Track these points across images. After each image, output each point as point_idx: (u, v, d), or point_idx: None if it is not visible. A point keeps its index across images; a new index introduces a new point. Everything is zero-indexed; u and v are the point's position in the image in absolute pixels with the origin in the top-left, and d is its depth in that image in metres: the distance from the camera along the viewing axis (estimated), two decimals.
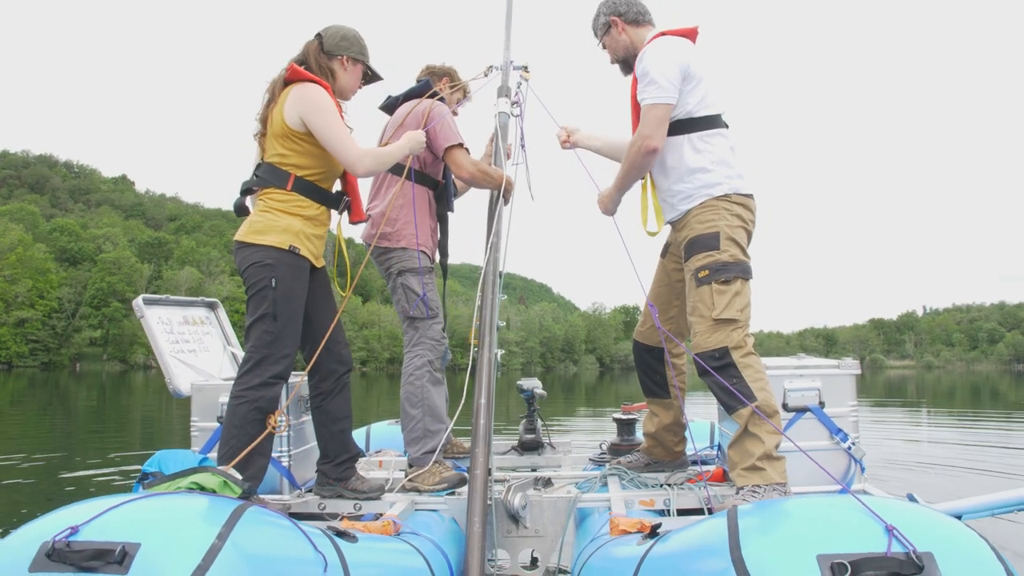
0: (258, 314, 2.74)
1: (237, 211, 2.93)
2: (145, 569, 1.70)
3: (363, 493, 3.07)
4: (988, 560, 1.62)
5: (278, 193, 2.84)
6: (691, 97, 2.99)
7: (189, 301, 3.95)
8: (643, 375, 3.57)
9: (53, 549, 1.75)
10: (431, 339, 3.41)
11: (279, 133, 2.83)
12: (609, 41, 3.26)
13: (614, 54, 3.28)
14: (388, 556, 2.38)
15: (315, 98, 2.79)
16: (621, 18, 3.21)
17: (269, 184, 2.85)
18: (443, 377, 3.50)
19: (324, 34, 3.00)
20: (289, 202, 2.84)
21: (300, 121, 2.79)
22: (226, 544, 1.79)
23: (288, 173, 2.83)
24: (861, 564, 1.55)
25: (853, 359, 3.19)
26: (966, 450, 7.45)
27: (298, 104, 2.79)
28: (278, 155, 2.85)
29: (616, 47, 3.25)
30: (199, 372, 3.57)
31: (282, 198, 2.84)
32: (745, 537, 1.72)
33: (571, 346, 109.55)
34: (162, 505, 1.95)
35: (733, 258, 2.89)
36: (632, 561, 2.09)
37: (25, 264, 66.83)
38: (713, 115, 3.04)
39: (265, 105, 2.91)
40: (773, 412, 2.77)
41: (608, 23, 3.24)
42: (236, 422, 2.69)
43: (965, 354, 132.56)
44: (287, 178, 2.83)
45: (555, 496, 3.13)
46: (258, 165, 2.93)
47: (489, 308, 3.19)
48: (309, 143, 2.83)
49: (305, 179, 2.86)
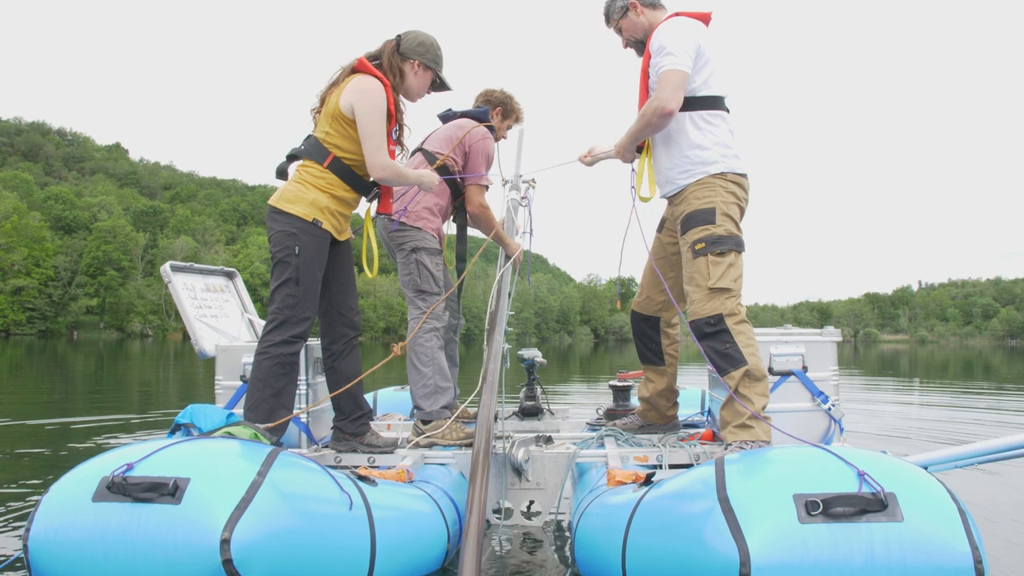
0: (282, 279, 2.95)
1: (278, 174, 3.13)
2: (195, 500, 1.91)
3: (377, 448, 3.28)
4: (944, 501, 1.84)
5: (315, 168, 3.04)
6: (698, 76, 3.15)
7: (209, 270, 4.18)
8: (639, 343, 3.78)
9: (112, 482, 1.96)
10: (437, 310, 3.65)
11: (331, 113, 3.02)
12: (627, 23, 3.40)
13: (631, 35, 3.43)
14: (404, 500, 2.60)
15: (370, 93, 2.97)
16: (640, 0, 3.37)
17: (310, 156, 3.05)
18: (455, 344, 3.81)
19: (403, 36, 3.19)
20: (322, 179, 3.04)
21: (351, 109, 2.98)
22: (265, 480, 2.01)
23: (328, 152, 3.03)
24: (832, 501, 1.77)
25: (835, 328, 3.40)
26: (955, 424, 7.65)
27: (353, 93, 2.97)
28: (324, 132, 3.05)
29: (634, 29, 3.40)
30: (222, 335, 3.78)
31: (317, 173, 3.04)
32: (730, 480, 1.93)
33: (566, 317, 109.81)
34: (207, 447, 2.16)
35: (728, 232, 3.08)
36: (628, 506, 2.30)
37: (21, 232, 66.59)
38: (716, 96, 3.20)
39: (328, 85, 3.09)
40: (763, 376, 2.98)
41: (627, 6, 3.38)
42: (260, 376, 2.92)
43: (959, 329, 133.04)
44: (327, 156, 3.03)
45: (555, 452, 3.35)
46: (307, 137, 3.13)
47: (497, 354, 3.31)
48: (354, 130, 3.02)
49: (343, 161, 3.05)
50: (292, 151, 3.14)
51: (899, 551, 1.71)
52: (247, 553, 1.86)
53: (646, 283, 3.68)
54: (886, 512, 1.75)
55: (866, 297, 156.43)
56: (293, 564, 1.99)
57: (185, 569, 1.85)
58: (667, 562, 1.97)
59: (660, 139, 3.28)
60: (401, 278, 3.71)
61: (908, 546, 1.71)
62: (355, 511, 2.25)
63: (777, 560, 1.70)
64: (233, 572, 1.84)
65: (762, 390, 2.96)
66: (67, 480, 2.07)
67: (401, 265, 3.69)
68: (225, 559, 1.83)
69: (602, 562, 2.37)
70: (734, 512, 1.80)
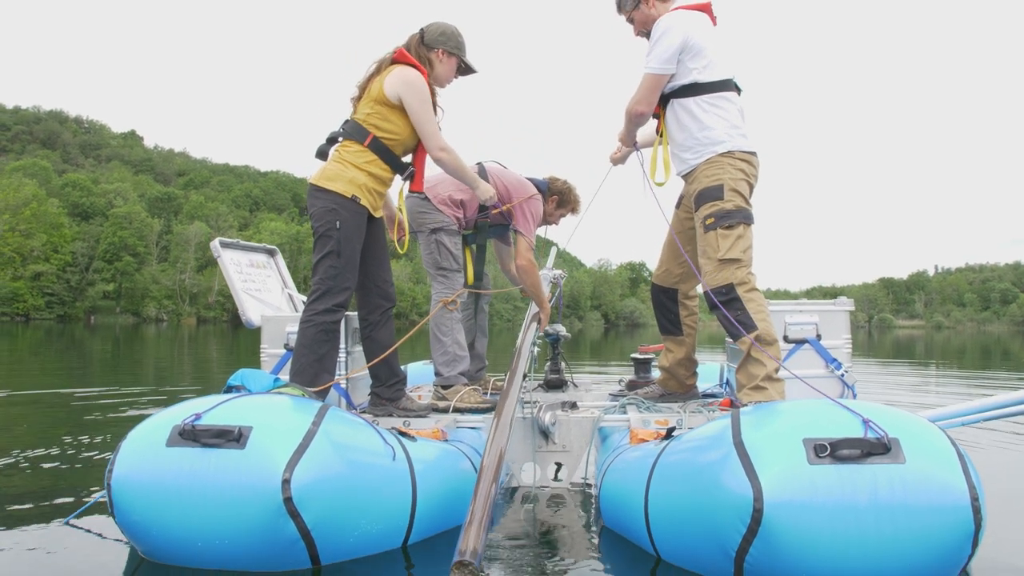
0: (325, 251, 3.15)
1: (318, 155, 3.34)
2: (258, 445, 2.11)
3: (412, 411, 3.48)
4: (944, 446, 2.00)
5: (355, 146, 3.25)
6: (694, 64, 3.34)
7: (252, 247, 4.45)
8: (659, 314, 3.96)
9: (183, 430, 2.16)
10: (455, 287, 3.91)
11: (375, 98, 3.24)
12: (639, 15, 3.58)
13: (642, 26, 3.60)
14: (441, 454, 2.79)
15: (415, 83, 3.23)
16: None
17: (350, 137, 3.27)
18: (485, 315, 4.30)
19: (426, 29, 3.41)
20: (362, 156, 3.24)
21: (397, 96, 3.21)
22: (319, 430, 2.21)
23: (368, 132, 3.25)
24: (839, 444, 1.94)
25: (847, 298, 3.56)
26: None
27: (399, 84, 3.21)
28: (365, 114, 3.26)
29: (646, 20, 3.56)
30: (268, 306, 4.01)
31: (357, 151, 3.24)
32: (745, 428, 2.10)
33: (577, 302, 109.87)
34: (266, 400, 2.37)
35: (736, 206, 3.26)
36: (650, 457, 2.48)
37: (39, 219, 67.48)
38: (719, 80, 3.38)
39: (368, 76, 3.32)
40: (773, 340, 3.15)
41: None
42: (306, 342, 3.12)
43: (976, 314, 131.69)
44: (367, 135, 3.25)
45: (581, 416, 3.54)
46: (345, 121, 3.34)
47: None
48: (396, 114, 3.25)
49: (381, 141, 3.27)
50: (331, 134, 3.34)
51: (901, 490, 1.87)
52: (305, 492, 2.06)
53: (665, 256, 3.86)
54: (889, 455, 1.91)
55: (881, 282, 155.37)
56: (344, 506, 2.19)
57: (250, 506, 2.05)
58: (686, 504, 2.14)
59: (673, 123, 3.47)
60: (424, 258, 3.96)
61: (910, 485, 1.87)
62: (398, 462, 2.44)
63: (788, 497, 1.87)
64: (292, 509, 2.04)
65: (773, 353, 3.13)
66: (142, 428, 2.28)
67: (423, 245, 3.94)
68: (286, 497, 2.03)
69: (626, 511, 2.54)
70: (748, 455, 1.97)
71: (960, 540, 1.87)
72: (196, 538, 2.11)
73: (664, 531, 2.27)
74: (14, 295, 62.87)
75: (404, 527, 2.42)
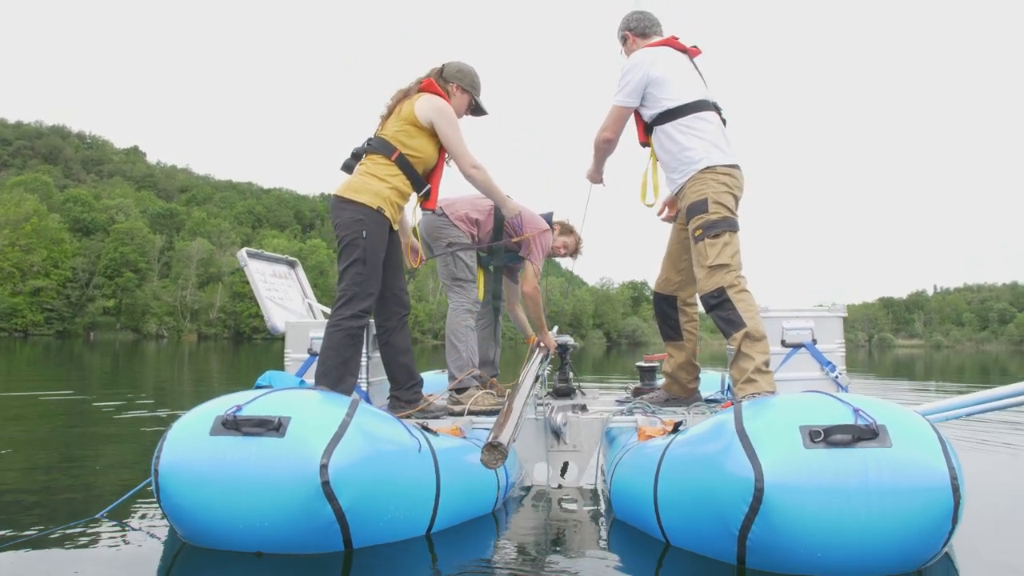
0: (351, 259, 3.34)
1: (344, 168, 3.57)
2: (297, 434, 2.29)
3: (430, 413, 3.66)
4: (927, 432, 2.18)
5: (381, 159, 3.47)
6: (663, 94, 3.63)
7: (275, 258, 4.70)
8: (661, 322, 4.16)
9: (226, 420, 2.34)
10: (470, 297, 4.15)
11: (405, 118, 3.49)
12: (626, 50, 3.96)
13: None
14: (461, 449, 2.96)
15: (445, 110, 3.53)
16: (632, 32, 3.93)
17: (377, 152, 3.49)
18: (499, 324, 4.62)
19: (447, 64, 3.71)
20: (387, 169, 3.46)
21: (429, 121, 3.47)
22: (352, 421, 2.39)
23: (395, 148, 3.49)
24: (831, 430, 2.12)
25: (841, 304, 3.75)
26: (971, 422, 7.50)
27: (431, 111, 3.48)
28: (394, 131, 3.50)
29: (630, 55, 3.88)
30: (292, 313, 4.23)
31: (383, 164, 3.47)
32: (747, 417, 2.29)
33: (578, 320, 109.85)
34: (303, 394, 2.56)
35: (720, 216, 3.49)
36: (658, 450, 2.65)
37: (40, 234, 67.63)
38: (691, 102, 3.64)
39: (397, 100, 3.58)
40: (761, 336, 3.35)
41: (624, 36, 3.96)
42: (332, 345, 3.30)
43: (975, 334, 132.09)
44: (394, 151, 3.49)
45: (590, 417, 3.73)
46: (370, 138, 3.58)
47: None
48: (423, 135, 3.51)
49: (406, 157, 3.50)
50: (356, 149, 3.58)
51: (889, 471, 2.05)
52: (341, 477, 2.23)
53: (664, 266, 4.09)
54: (877, 439, 2.09)
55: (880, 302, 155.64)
56: (376, 491, 2.36)
57: (289, 489, 2.22)
58: (694, 488, 2.32)
59: (659, 148, 3.75)
60: (440, 271, 4.20)
61: (896, 466, 2.05)
62: (423, 454, 2.61)
63: (786, 478, 2.05)
64: (329, 493, 2.21)
65: (762, 348, 3.34)
66: (186, 419, 2.46)
67: (439, 259, 4.15)
68: (324, 481, 2.20)
69: (637, 500, 2.71)
70: (750, 441, 2.15)
71: (942, 515, 2.04)
72: (237, 521, 2.27)
73: (673, 516, 2.44)
74: (13, 310, 62.93)
75: (429, 515, 2.59)
